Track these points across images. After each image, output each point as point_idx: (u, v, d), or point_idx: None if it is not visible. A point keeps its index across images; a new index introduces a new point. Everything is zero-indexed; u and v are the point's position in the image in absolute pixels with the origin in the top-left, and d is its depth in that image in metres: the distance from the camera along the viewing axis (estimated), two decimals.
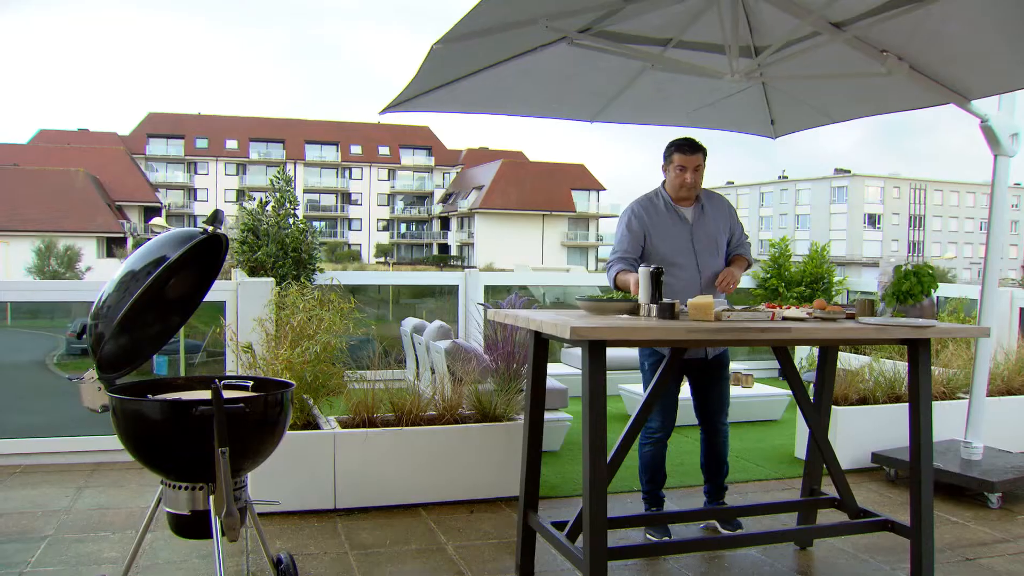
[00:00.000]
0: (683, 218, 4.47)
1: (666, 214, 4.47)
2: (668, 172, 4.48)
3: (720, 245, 4.53)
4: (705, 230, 4.48)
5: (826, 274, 10.04)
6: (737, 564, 4.27)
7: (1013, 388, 6.63)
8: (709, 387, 4.60)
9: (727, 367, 4.65)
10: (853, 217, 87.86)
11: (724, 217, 4.58)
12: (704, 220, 4.50)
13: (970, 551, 4.50)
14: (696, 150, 4.41)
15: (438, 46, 3.84)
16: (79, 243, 43.73)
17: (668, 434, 4.58)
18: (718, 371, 4.59)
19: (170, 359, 7.37)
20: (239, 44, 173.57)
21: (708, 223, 4.50)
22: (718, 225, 4.53)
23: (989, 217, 5.54)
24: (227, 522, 3.05)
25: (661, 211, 4.48)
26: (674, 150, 4.42)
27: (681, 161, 4.39)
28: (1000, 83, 4.83)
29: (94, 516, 4.74)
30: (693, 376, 4.60)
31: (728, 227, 4.59)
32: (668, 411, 4.53)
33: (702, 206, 4.52)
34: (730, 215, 4.62)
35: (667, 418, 4.53)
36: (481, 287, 9.16)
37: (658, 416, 4.51)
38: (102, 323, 3.16)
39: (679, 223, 4.46)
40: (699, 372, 4.56)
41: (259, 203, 10.25)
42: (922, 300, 3.87)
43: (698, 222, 4.49)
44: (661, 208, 4.49)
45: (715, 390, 4.61)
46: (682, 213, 4.48)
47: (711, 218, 4.51)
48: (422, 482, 5.01)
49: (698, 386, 4.62)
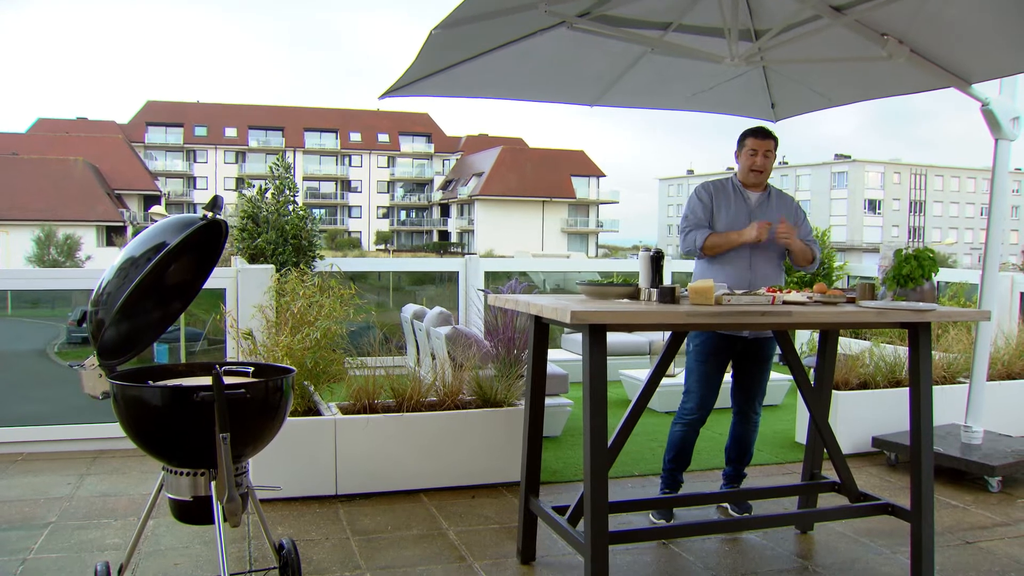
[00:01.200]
0: (747, 200, 4.56)
1: (732, 194, 4.58)
2: (740, 157, 4.59)
3: None
4: (766, 216, 4.51)
5: (826, 259, 10.03)
6: (738, 548, 4.28)
7: (1013, 372, 6.63)
8: (751, 371, 4.63)
9: (772, 355, 4.65)
10: (853, 203, 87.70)
11: (789, 213, 4.61)
12: (767, 208, 4.56)
13: (970, 534, 4.51)
14: (768, 136, 4.54)
15: (437, 31, 3.82)
16: (79, 232, 43.63)
17: (703, 419, 4.59)
18: (762, 356, 4.60)
19: (171, 347, 7.38)
20: (238, 31, 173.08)
21: (771, 212, 4.55)
22: (780, 217, 4.54)
23: (990, 202, 5.53)
24: (229, 508, 3.05)
25: (728, 191, 4.59)
26: (748, 135, 4.55)
27: (754, 145, 4.52)
28: (1001, 67, 4.81)
29: (96, 503, 4.76)
30: (737, 359, 4.61)
31: (793, 223, 4.58)
32: (707, 395, 4.56)
33: (769, 195, 4.61)
34: (796, 213, 4.65)
35: (706, 401, 4.56)
36: (481, 273, 9.16)
37: (695, 398, 4.55)
38: (102, 310, 3.16)
39: (742, 204, 4.55)
40: (742, 355, 4.58)
41: (258, 190, 10.24)
42: (923, 284, 3.87)
43: (760, 207, 4.56)
44: (729, 189, 4.60)
45: (756, 376, 4.65)
46: (747, 196, 4.57)
47: (775, 209, 4.58)
48: (423, 468, 5.02)
49: (740, 369, 4.65)
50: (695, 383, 4.56)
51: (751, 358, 4.59)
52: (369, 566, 3.93)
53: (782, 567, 4.05)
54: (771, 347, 4.61)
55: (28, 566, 3.86)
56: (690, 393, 4.59)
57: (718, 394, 4.60)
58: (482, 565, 3.98)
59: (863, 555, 4.20)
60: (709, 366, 4.53)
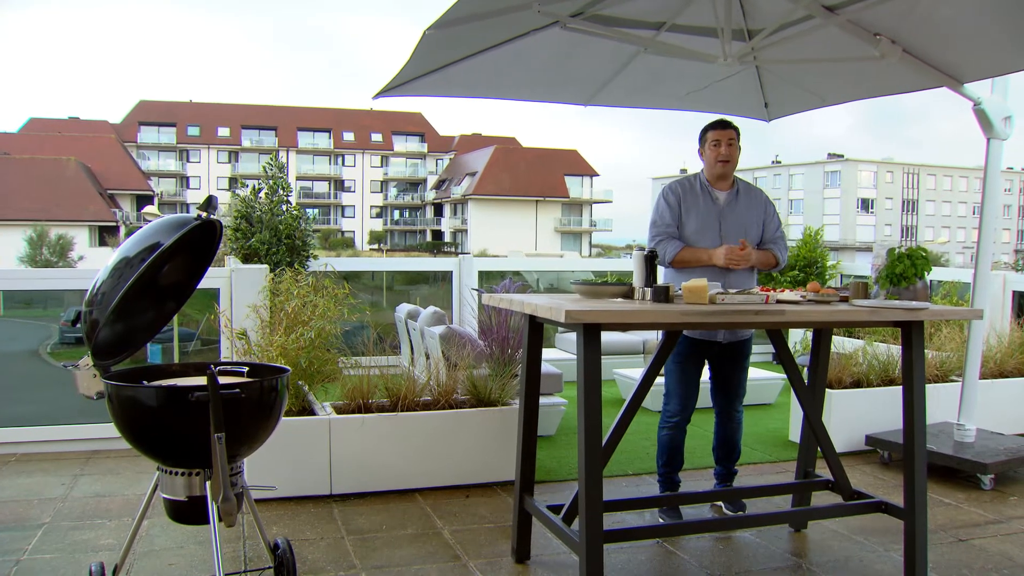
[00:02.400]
0: (715, 200, 4.49)
1: (700, 194, 4.49)
2: (704, 152, 4.51)
3: (749, 235, 4.48)
4: (736, 216, 4.47)
5: (820, 258, 10.05)
6: (732, 546, 4.29)
7: (1006, 371, 6.66)
8: (728, 373, 4.62)
9: (748, 355, 4.64)
10: (846, 202, 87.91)
11: (758, 209, 4.55)
12: (736, 206, 4.49)
13: (963, 532, 4.53)
14: (728, 126, 4.48)
15: (431, 31, 3.82)
16: (71, 232, 43.54)
17: (687, 419, 4.57)
18: (739, 358, 4.59)
19: (164, 347, 7.36)
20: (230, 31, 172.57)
21: (740, 211, 4.49)
22: (750, 215, 4.52)
23: (982, 201, 5.55)
24: (224, 508, 3.05)
25: (696, 191, 4.51)
26: (708, 128, 4.50)
27: (716, 136, 4.45)
28: (993, 66, 4.82)
29: (90, 504, 4.75)
30: (713, 361, 4.60)
31: (761, 220, 4.56)
32: (687, 396, 4.54)
33: (737, 192, 4.53)
34: (766, 209, 4.59)
35: (686, 403, 4.55)
36: (475, 273, 9.17)
37: (676, 400, 4.54)
38: (96, 310, 3.15)
39: (710, 204, 4.47)
40: (719, 357, 4.57)
41: (252, 190, 10.24)
42: (915, 283, 3.89)
43: (729, 206, 4.48)
44: (696, 188, 4.51)
45: (733, 376, 4.63)
46: (715, 195, 4.49)
47: (744, 207, 4.51)
48: (418, 467, 5.03)
49: (717, 371, 4.64)
50: (674, 385, 4.54)
51: (728, 359, 4.57)
52: (364, 565, 3.93)
53: (776, 565, 4.06)
54: (747, 347, 4.60)
55: (22, 567, 3.86)
56: (670, 395, 4.57)
57: (698, 394, 4.59)
58: (477, 564, 3.98)
59: (857, 553, 4.21)
60: (686, 368, 4.50)
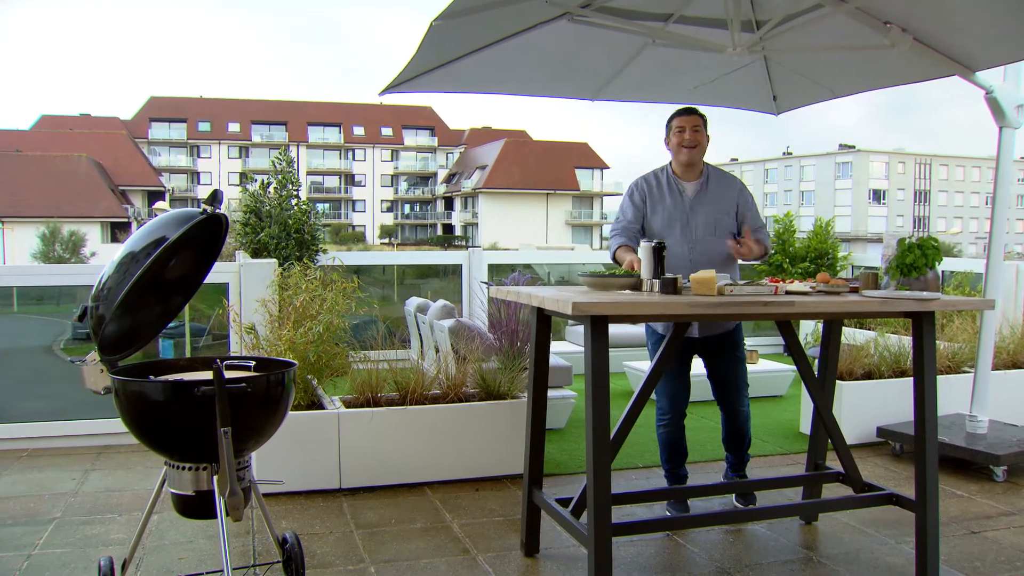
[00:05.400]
0: (682, 192, 4.38)
1: (666, 188, 4.39)
2: (671, 142, 4.40)
3: (722, 224, 4.37)
4: (705, 207, 4.36)
5: (831, 249, 10.00)
6: (742, 539, 4.28)
7: (1019, 362, 6.61)
8: (719, 367, 4.51)
9: (738, 348, 4.52)
10: (858, 193, 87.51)
11: (731, 197, 4.42)
12: (705, 197, 4.38)
13: (975, 524, 4.50)
14: (693, 112, 4.39)
15: (438, 22, 3.80)
16: (83, 228, 43.70)
17: (679, 415, 4.48)
18: (727, 351, 4.47)
19: (176, 342, 7.40)
20: (240, 26, 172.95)
21: (710, 200, 4.37)
22: (722, 204, 4.39)
23: (994, 191, 5.51)
24: (231, 502, 3.05)
25: (662, 185, 4.41)
26: (672, 117, 4.41)
27: (680, 122, 4.36)
28: (1005, 54, 4.77)
29: (100, 498, 4.77)
30: (703, 357, 4.51)
31: (735, 208, 4.42)
32: (675, 393, 4.45)
33: (707, 182, 4.40)
34: (739, 196, 4.44)
35: (675, 400, 4.46)
36: (485, 266, 9.16)
37: (664, 398, 4.47)
38: (103, 305, 3.15)
39: (676, 197, 4.37)
40: (705, 353, 4.48)
41: (261, 185, 10.24)
42: (926, 273, 3.84)
43: (698, 197, 4.37)
44: (663, 182, 4.42)
45: (728, 372, 4.51)
46: (682, 188, 4.39)
47: (715, 196, 4.39)
48: (427, 461, 5.02)
49: (709, 367, 4.55)
50: (660, 383, 4.41)
51: (715, 354, 4.47)
52: (373, 559, 3.93)
53: (787, 558, 4.04)
54: (732, 340, 4.47)
55: (33, 561, 3.87)
56: (658, 394, 4.48)
57: (689, 387, 4.51)
58: (486, 558, 3.97)
59: (868, 545, 4.19)
60: (671, 365, 4.32)
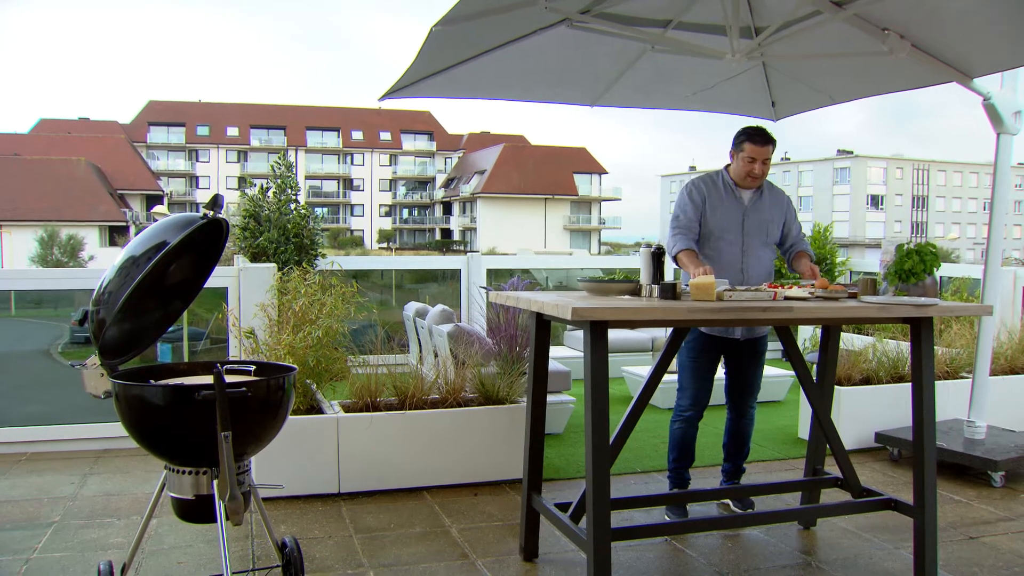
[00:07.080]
0: (739, 199, 4.48)
1: (724, 192, 4.48)
2: (736, 159, 4.45)
3: (771, 234, 4.52)
4: (759, 215, 4.47)
5: (829, 255, 10.01)
6: (740, 544, 4.28)
7: (1016, 367, 6.62)
8: (744, 369, 4.62)
9: (764, 352, 4.66)
10: (856, 198, 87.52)
11: (781, 210, 4.57)
12: (760, 206, 4.50)
13: (973, 530, 4.51)
14: (768, 142, 4.38)
15: (437, 28, 3.81)
16: (81, 232, 43.66)
17: (699, 414, 4.58)
18: (756, 354, 4.60)
19: (174, 346, 7.39)
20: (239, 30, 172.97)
21: (763, 210, 4.50)
22: (773, 215, 4.52)
23: (992, 197, 5.52)
24: (231, 506, 3.05)
25: (720, 188, 4.49)
26: (745, 139, 4.38)
27: (752, 152, 4.36)
28: (1003, 60, 4.79)
29: (99, 502, 4.76)
30: (730, 357, 4.61)
31: (784, 220, 4.58)
32: (700, 391, 4.55)
33: (762, 193, 4.52)
34: (787, 210, 4.60)
35: (699, 398, 4.55)
36: (483, 271, 9.17)
37: (689, 395, 4.54)
38: (103, 309, 3.16)
39: (735, 202, 4.47)
40: (735, 353, 4.57)
41: (260, 189, 10.25)
42: (924, 279, 3.86)
43: (753, 206, 4.48)
44: (720, 186, 4.50)
45: (749, 372, 4.63)
46: (740, 195, 4.48)
47: (768, 206, 4.52)
48: (426, 465, 5.03)
49: (733, 367, 4.64)
50: (688, 380, 4.55)
51: (744, 355, 4.58)
52: (372, 564, 3.93)
53: (785, 563, 4.05)
54: (764, 344, 4.62)
55: (32, 565, 3.87)
56: (684, 390, 4.58)
57: (712, 389, 4.60)
58: (485, 563, 3.98)
59: (866, 550, 4.20)
60: (701, 363, 4.51)
